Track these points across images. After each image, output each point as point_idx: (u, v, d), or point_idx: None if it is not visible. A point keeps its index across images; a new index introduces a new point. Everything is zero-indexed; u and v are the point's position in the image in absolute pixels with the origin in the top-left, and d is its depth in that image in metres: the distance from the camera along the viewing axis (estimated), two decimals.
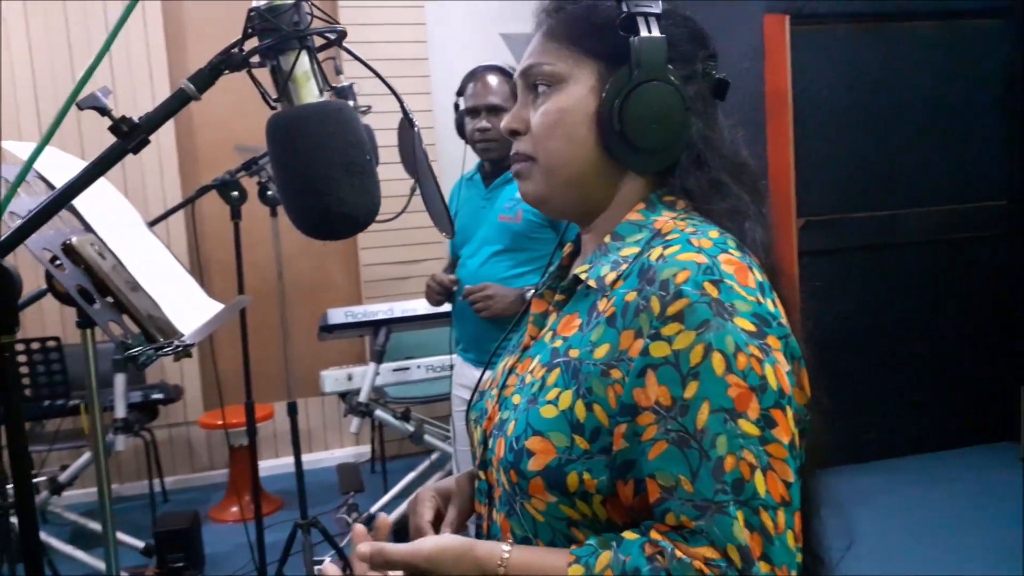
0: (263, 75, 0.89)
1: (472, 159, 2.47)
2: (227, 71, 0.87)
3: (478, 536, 0.96)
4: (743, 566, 0.74)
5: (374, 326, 3.38)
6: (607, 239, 0.91)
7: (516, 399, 0.89)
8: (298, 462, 2.62)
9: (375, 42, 4.23)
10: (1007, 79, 3.94)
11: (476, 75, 2.35)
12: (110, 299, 1.01)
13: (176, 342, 1.00)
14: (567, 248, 1.04)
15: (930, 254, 3.93)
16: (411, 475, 3.58)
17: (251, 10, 0.86)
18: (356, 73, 1.52)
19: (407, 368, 3.42)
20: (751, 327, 0.78)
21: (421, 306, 3.50)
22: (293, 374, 2.67)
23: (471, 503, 1.00)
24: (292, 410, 2.62)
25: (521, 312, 1.12)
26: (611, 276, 0.86)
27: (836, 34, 3.78)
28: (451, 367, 3.37)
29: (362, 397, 3.21)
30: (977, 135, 3.98)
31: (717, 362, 0.76)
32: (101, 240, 1.06)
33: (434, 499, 0.99)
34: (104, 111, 0.84)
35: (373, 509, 3.46)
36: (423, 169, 0.97)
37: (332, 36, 0.89)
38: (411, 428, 3.44)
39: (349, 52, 0.97)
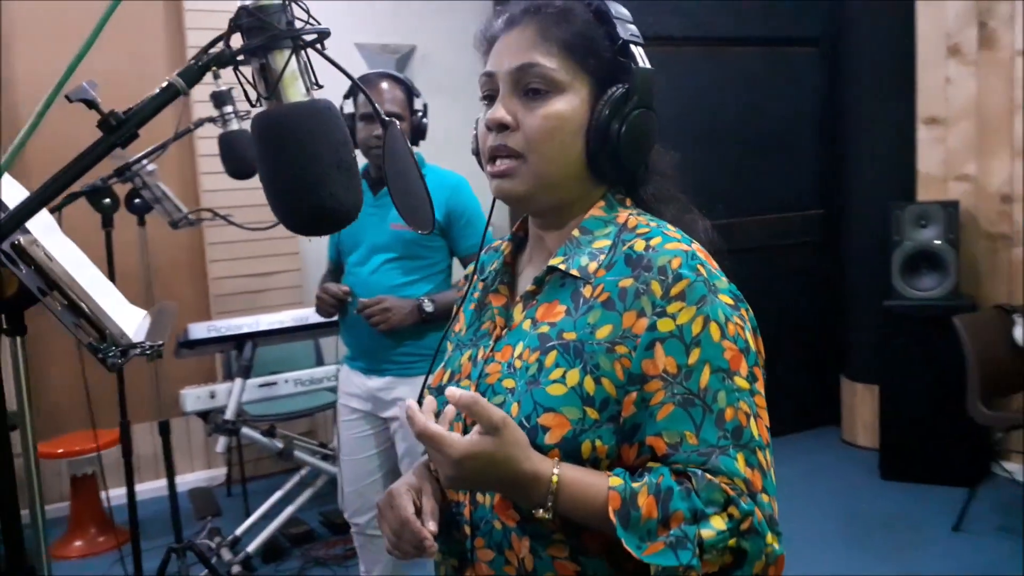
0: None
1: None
2: (216, 68, 0.87)
3: (462, 523, 1.00)
4: (750, 495, 0.86)
5: (238, 340, 3.25)
6: (576, 233, 0.99)
7: (508, 383, 0.95)
8: (171, 484, 2.50)
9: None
10: (820, 101, 4.40)
11: (370, 82, 2.35)
12: (64, 301, 0.96)
13: (147, 343, 0.96)
14: (506, 246, 1.10)
15: (760, 259, 4.32)
16: (278, 494, 3.48)
17: (241, 7, 0.87)
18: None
19: (274, 383, 3.31)
20: (731, 301, 0.92)
21: (287, 318, 3.43)
22: (142, 395, 2.54)
23: (440, 494, 1.03)
24: (164, 430, 2.49)
25: (456, 310, 1.17)
26: (593, 266, 0.96)
27: (676, 56, 4.07)
28: (331, 378, 3.32)
29: (228, 415, 3.08)
30: (798, 151, 4.42)
31: (714, 330, 0.89)
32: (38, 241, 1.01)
33: (410, 493, 1.01)
34: (92, 104, 0.81)
35: (239, 531, 3.33)
36: (402, 164, 1.00)
37: (313, 36, 0.91)
38: (280, 445, 3.34)
39: (322, 53, 0.98)
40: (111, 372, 0.92)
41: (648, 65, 0.97)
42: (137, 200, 2.32)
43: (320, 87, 0.92)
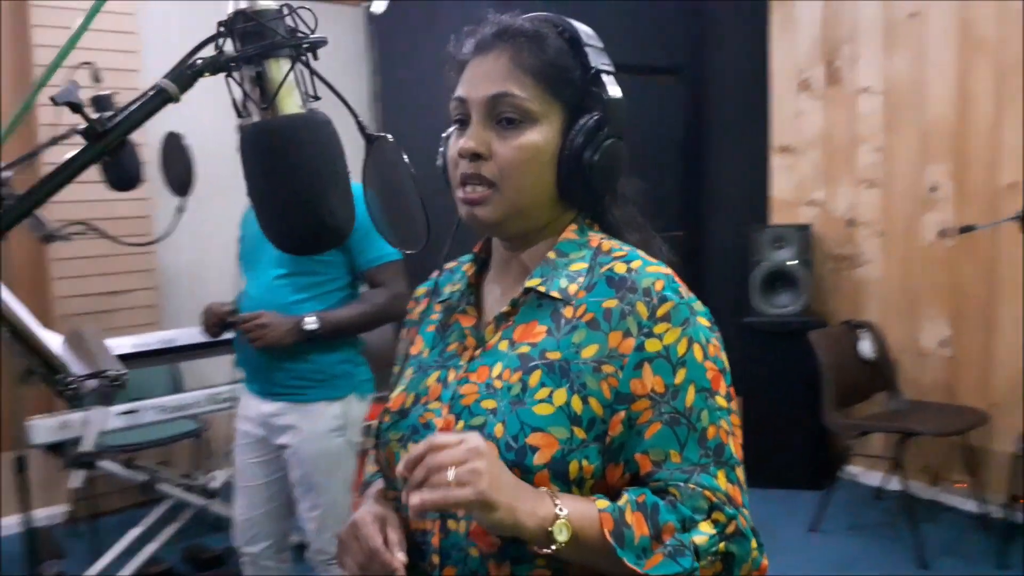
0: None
1: None
2: (209, 74, 0.79)
3: (429, 552, 0.95)
4: (732, 506, 0.89)
5: None
6: (551, 255, 1.00)
7: (488, 404, 0.93)
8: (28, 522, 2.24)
9: (76, 48, 3.74)
10: (682, 128, 4.63)
11: None
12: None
13: (110, 371, 0.85)
14: (468, 267, 1.08)
15: None
16: (137, 530, 3.20)
17: (237, 11, 0.80)
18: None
19: (136, 411, 3.06)
20: (708, 323, 0.95)
21: (153, 340, 3.19)
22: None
23: (402, 524, 0.99)
24: (21, 465, 2.24)
25: (407, 332, 1.14)
26: (573, 287, 0.96)
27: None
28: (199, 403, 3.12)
29: (86, 446, 2.82)
30: (661, 176, 4.61)
31: (697, 351, 0.92)
32: None
33: (376, 523, 0.97)
34: (78, 108, 0.72)
35: (91, 573, 3.04)
36: (385, 181, 0.95)
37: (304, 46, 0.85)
38: (144, 477, 3.09)
39: (307, 65, 0.92)
40: (73, 404, 0.81)
41: (619, 94, 0.98)
42: None
43: (317, 99, 0.86)
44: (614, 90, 0.98)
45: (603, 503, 0.86)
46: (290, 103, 0.82)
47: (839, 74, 4.03)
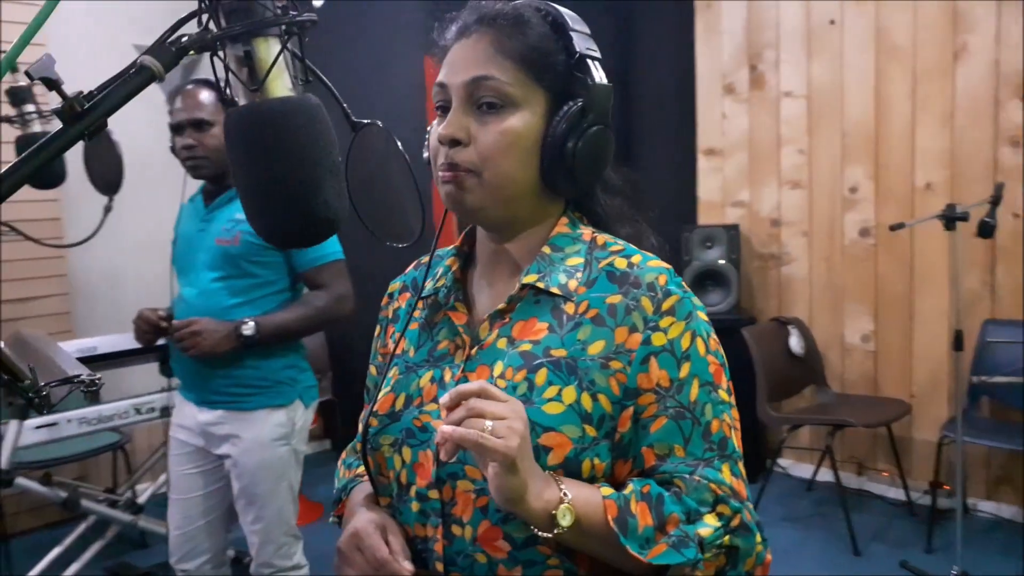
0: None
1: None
2: (194, 52, 0.74)
3: (432, 560, 0.92)
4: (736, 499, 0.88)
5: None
6: (546, 249, 0.97)
7: None
8: None
9: None
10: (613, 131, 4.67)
11: (181, 90, 2.15)
12: None
13: (82, 376, 0.78)
14: (452, 262, 1.04)
15: None
16: (56, 550, 3.02)
17: None
18: None
19: (55, 424, 2.89)
20: (706, 318, 0.94)
21: (73, 349, 3.02)
22: None
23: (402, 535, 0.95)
24: None
25: (380, 330, 1.10)
26: (572, 283, 0.94)
27: None
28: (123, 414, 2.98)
29: (2, 463, 2.65)
30: None
31: (700, 345, 0.91)
32: None
33: (379, 532, 0.92)
34: (54, 84, 0.65)
35: None
36: (371, 171, 0.91)
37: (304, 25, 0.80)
38: (63, 494, 2.92)
39: (300, 44, 0.87)
40: (43, 413, 0.74)
41: (604, 80, 0.95)
42: None
43: (308, 82, 0.81)
44: (599, 76, 0.94)
45: (608, 490, 0.85)
46: (279, 85, 0.77)
47: (763, 78, 4.14)
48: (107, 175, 2.10)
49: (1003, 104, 3.38)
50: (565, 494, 0.82)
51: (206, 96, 2.13)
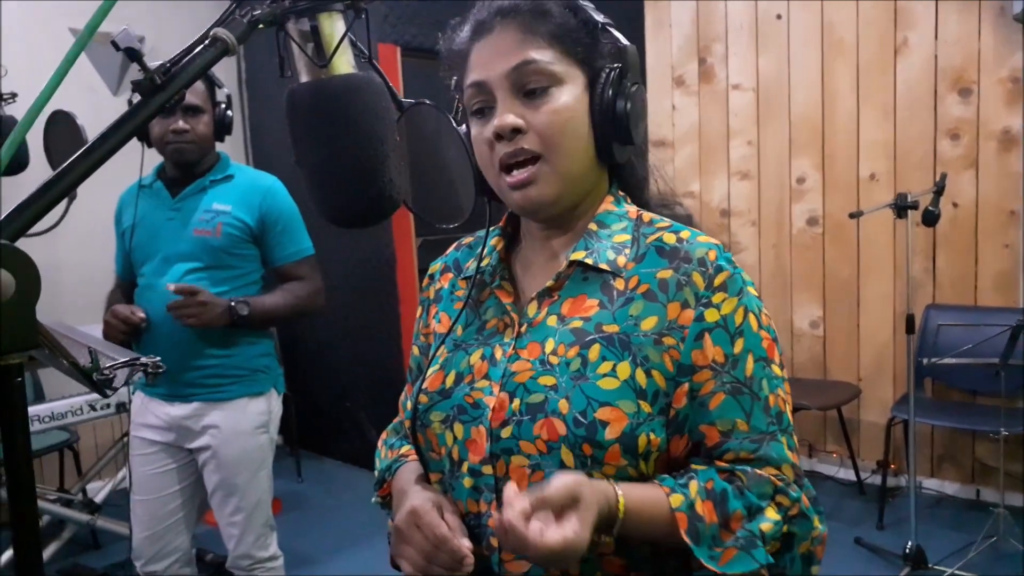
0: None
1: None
2: (264, 26, 0.73)
3: (486, 535, 0.93)
4: (796, 478, 0.91)
5: None
6: (592, 226, 0.98)
7: (546, 380, 0.91)
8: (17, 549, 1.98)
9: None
10: None
11: None
12: None
13: (144, 360, 0.76)
14: (497, 241, 1.04)
15: None
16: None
17: None
18: None
19: None
20: (756, 293, 0.96)
21: None
22: None
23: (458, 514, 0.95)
24: None
25: (423, 310, 1.10)
26: (620, 259, 0.95)
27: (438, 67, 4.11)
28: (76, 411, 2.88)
29: None
30: None
31: (752, 320, 0.92)
32: None
33: (435, 510, 0.92)
34: (136, 56, 0.64)
35: None
36: (426, 153, 0.90)
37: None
38: None
39: (366, 21, 0.86)
40: (108, 396, 0.72)
41: (628, 43, 0.97)
42: None
43: (366, 58, 0.81)
44: (624, 40, 0.97)
45: (678, 499, 0.85)
46: (343, 62, 0.77)
47: (712, 71, 4.23)
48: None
49: (942, 97, 3.54)
50: (620, 495, 0.84)
51: (199, 81, 2.07)
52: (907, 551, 2.87)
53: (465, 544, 0.88)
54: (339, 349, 4.37)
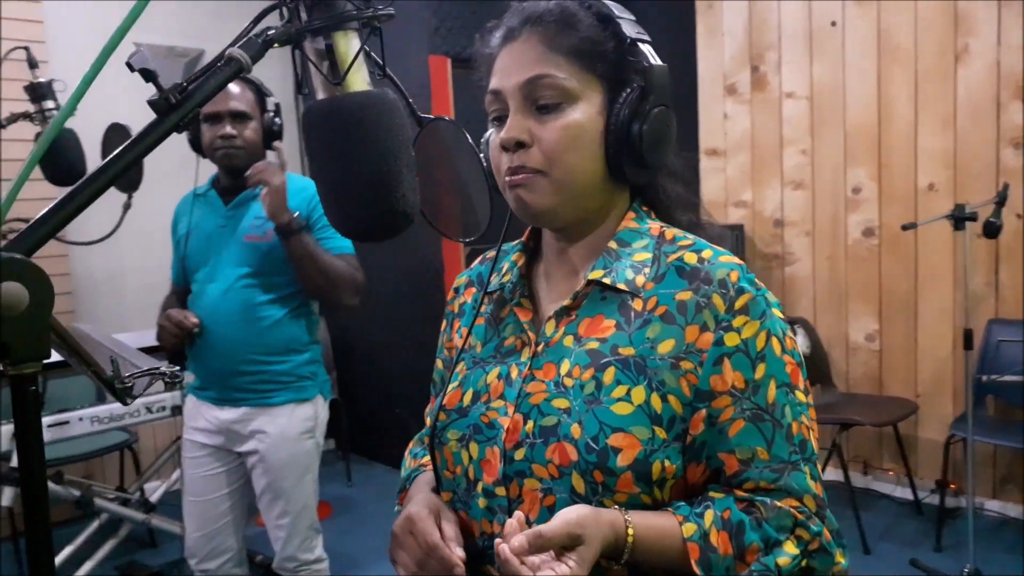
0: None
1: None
2: (279, 44, 0.75)
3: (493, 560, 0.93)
4: (818, 510, 0.88)
5: None
6: (612, 245, 0.95)
7: (560, 403, 0.89)
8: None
9: None
10: None
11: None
12: None
13: (162, 368, 0.79)
14: (518, 257, 1.03)
15: None
16: (69, 548, 3.01)
17: None
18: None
19: (66, 423, 2.88)
20: (781, 315, 0.92)
21: None
22: None
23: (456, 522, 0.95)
24: None
25: (446, 324, 1.11)
26: (640, 279, 0.92)
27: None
28: (134, 414, 2.97)
29: (16, 461, 2.63)
30: None
31: (775, 345, 0.89)
32: None
33: (431, 517, 0.93)
34: (151, 76, 0.66)
35: None
36: (442, 167, 0.92)
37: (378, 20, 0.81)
38: (77, 493, 2.91)
39: (380, 39, 0.88)
40: (127, 404, 0.75)
41: (659, 62, 0.93)
42: None
43: (382, 75, 0.82)
44: (654, 58, 0.93)
45: (690, 528, 0.84)
46: (359, 79, 0.78)
47: (764, 79, 4.17)
48: (128, 172, 2.09)
49: (1004, 106, 3.42)
50: (628, 523, 0.83)
51: (242, 89, 2.13)
52: (965, 575, 2.77)
53: (457, 553, 0.88)
54: (389, 357, 4.42)
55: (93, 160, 2.04)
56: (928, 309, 3.68)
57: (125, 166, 0.65)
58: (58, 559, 2.95)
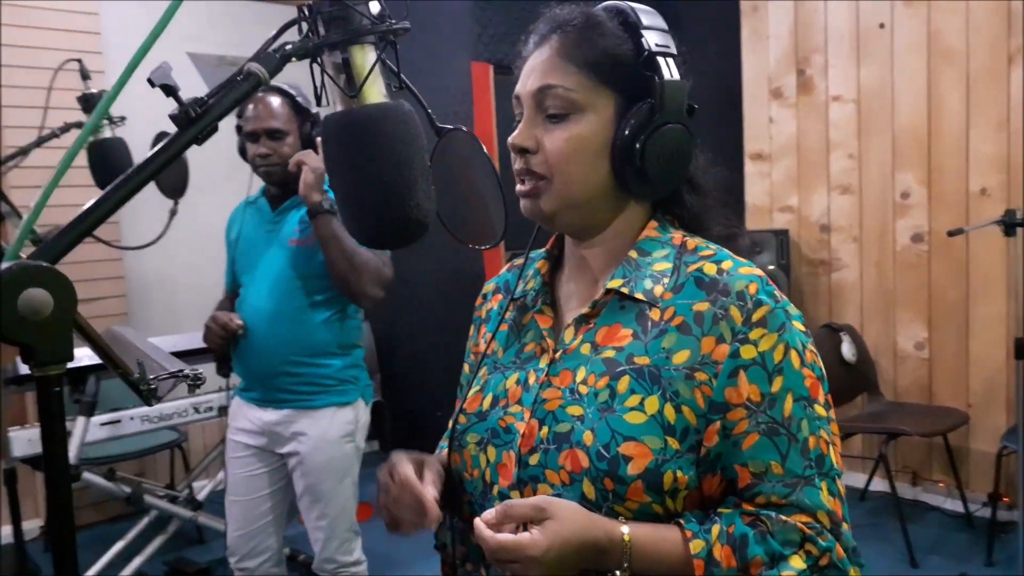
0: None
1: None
2: (296, 59, 0.78)
3: None
4: (832, 527, 0.86)
5: (77, 374, 2.89)
6: (632, 254, 0.96)
7: (574, 410, 0.90)
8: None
9: (38, 48, 3.67)
10: None
11: (252, 97, 2.20)
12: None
13: (185, 370, 0.83)
14: (542, 264, 1.05)
15: None
16: (120, 544, 3.12)
17: None
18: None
19: (118, 421, 2.98)
20: (802, 328, 0.91)
21: None
22: None
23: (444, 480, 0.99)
24: (11, 478, 2.16)
25: (474, 329, 1.12)
26: (658, 289, 0.92)
27: None
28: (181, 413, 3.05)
29: (71, 459, 2.73)
30: None
31: (794, 358, 0.87)
32: None
33: (412, 464, 0.96)
34: (172, 92, 0.69)
35: None
36: (456, 175, 0.94)
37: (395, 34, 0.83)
38: (127, 490, 3.00)
39: (395, 52, 0.90)
40: (152, 405, 0.78)
41: (676, 76, 0.93)
42: None
43: (400, 88, 0.84)
44: (671, 72, 0.92)
45: (698, 545, 0.84)
46: (375, 92, 0.81)
47: (811, 83, 4.11)
48: (174, 179, 2.16)
49: None
50: (624, 532, 0.84)
51: (279, 105, 2.17)
52: None
53: (429, 492, 0.91)
54: (431, 360, 4.46)
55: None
56: (980, 317, 3.58)
57: (147, 177, 0.68)
58: (109, 554, 3.05)
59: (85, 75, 2.10)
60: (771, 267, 3.98)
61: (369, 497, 3.87)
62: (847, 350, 3.64)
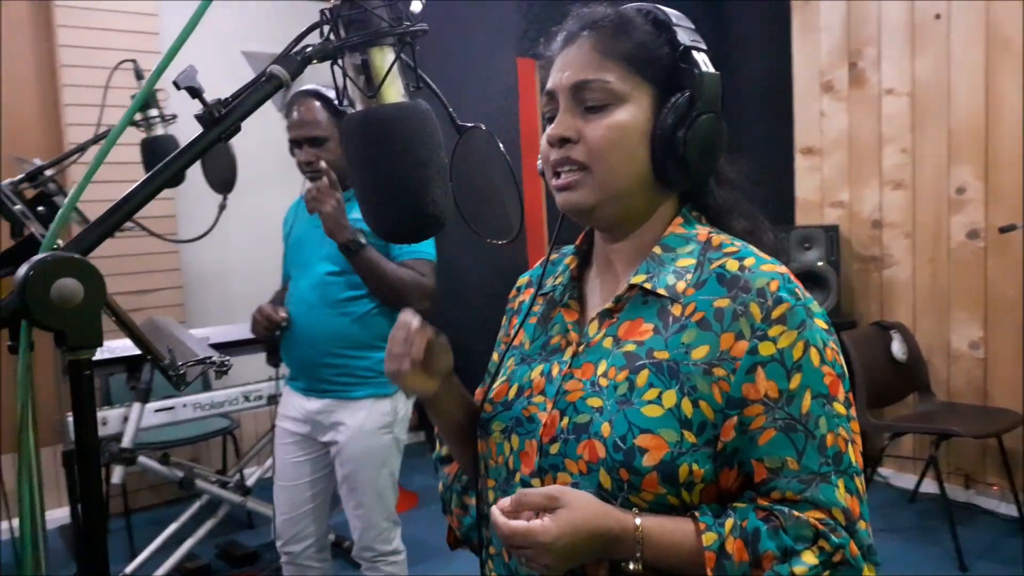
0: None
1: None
2: (317, 61, 0.81)
3: None
4: (847, 524, 0.87)
5: (133, 361, 3.01)
6: (657, 250, 0.97)
7: (594, 402, 0.93)
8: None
9: (98, 48, 3.80)
10: None
11: (296, 103, 2.25)
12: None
13: (215, 359, 0.87)
14: (571, 260, 1.07)
15: None
16: (173, 526, 3.23)
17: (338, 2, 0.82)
18: None
19: (172, 408, 3.09)
20: (825, 326, 0.92)
21: None
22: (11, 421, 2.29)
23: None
24: (70, 460, 2.26)
25: (506, 320, 1.15)
26: (681, 285, 0.94)
27: None
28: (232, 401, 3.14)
29: (126, 442, 2.84)
30: None
31: (814, 355, 0.88)
32: None
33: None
34: (197, 94, 0.73)
35: (129, 570, 3.07)
36: (475, 174, 0.96)
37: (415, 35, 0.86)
38: (180, 474, 3.11)
39: (412, 53, 0.93)
40: (180, 390, 0.83)
41: (712, 70, 0.95)
42: (41, 208, 2.09)
43: (419, 88, 0.87)
44: (706, 66, 0.94)
45: (711, 537, 0.85)
46: (393, 92, 0.84)
47: (863, 76, 4.03)
48: (222, 175, 2.23)
49: None
50: (638, 523, 0.86)
51: (320, 111, 2.21)
52: None
53: (416, 320, 0.98)
54: (475, 354, 4.49)
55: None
56: None
57: (172, 175, 0.72)
58: (162, 536, 3.16)
59: (139, 75, 2.18)
60: (820, 263, 3.92)
61: (413, 487, 3.94)
62: (897, 348, 3.57)
